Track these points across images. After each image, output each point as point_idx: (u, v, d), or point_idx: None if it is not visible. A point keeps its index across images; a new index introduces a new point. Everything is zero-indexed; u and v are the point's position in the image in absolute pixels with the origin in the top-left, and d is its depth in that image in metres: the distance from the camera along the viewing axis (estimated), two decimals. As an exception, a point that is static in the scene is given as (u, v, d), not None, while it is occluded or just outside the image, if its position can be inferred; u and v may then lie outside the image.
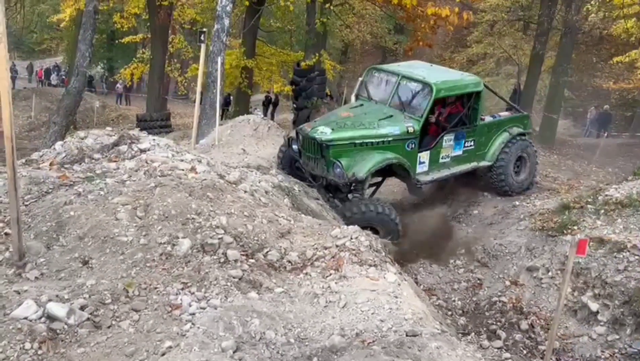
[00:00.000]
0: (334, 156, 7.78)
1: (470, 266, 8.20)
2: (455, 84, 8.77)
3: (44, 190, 4.81)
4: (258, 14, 17.71)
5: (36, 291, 3.36)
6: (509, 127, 9.51)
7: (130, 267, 3.83)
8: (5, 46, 3.54)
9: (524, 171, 9.77)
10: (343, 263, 4.31)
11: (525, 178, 9.79)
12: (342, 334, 3.29)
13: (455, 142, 8.71)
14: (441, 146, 8.58)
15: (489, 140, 9.21)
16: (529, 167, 9.79)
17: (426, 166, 8.50)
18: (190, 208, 4.61)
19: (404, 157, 8.11)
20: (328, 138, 7.78)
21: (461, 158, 8.90)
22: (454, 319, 7.15)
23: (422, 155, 8.40)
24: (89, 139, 6.38)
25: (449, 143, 8.64)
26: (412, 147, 8.19)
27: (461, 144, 8.79)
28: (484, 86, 9.01)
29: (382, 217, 7.68)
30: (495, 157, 9.19)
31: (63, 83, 30.87)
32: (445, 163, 8.77)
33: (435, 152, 8.55)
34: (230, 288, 3.81)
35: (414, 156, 8.28)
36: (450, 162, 8.82)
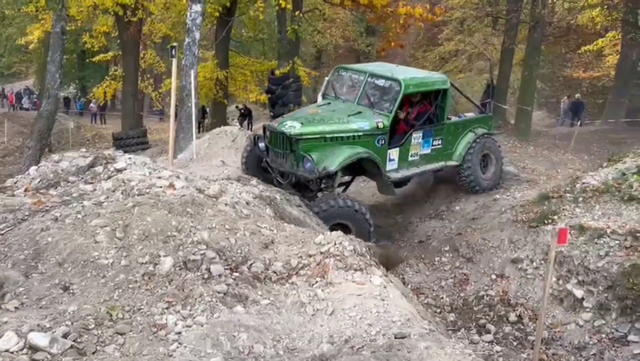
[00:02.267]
0: (304, 150, 7.71)
1: (455, 262, 8.26)
2: (423, 81, 8.84)
3: (19, 217, 4.72)
4: (229, 25, 17.66)
5: (16, 321, 3.28)
6: (474, 127, 9.60)
7: (113, 290, 3.77)
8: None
9: (491, 168, 9.89)
10: (328, 269, 4.29)
11: (493, 175, 9.91)
12: (331, 342, 3.28)
13: (424, 140, 8.75)
14: (410, 143, 8.58)
15: (456, 140, 9.28)
16: (495, 163, 9.91)
17: (396, 163, 8.50)
18: (170, 226, 4.56)
19: (375, 152, 8.10)
20: (297, 132, 7.72)
21: (430, 156, 8.93)
22: (443, 316, 7.18)
23: (392, 152, 8.39)
24: (63, 162, 6.28)
25: (417, 140, 8.66)
26: (382, 143, 8.19)
27: (429, 142, 8.83)
28: (450, 84, 9.10)
29: (353, 214, 7.61)
30: (462, 157, 9.28)
31: (35, 106, 30.42)
32: (414, 162, 8.76)
33: (405, 150, 8.54)
34: (216, 304, 3.77)
35: (384, 152, 8.26)
36: (419, 160, 8.82)
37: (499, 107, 19.48)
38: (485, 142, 9.56)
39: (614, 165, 8.31)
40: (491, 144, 9.77)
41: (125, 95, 18.48)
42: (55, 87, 13.34)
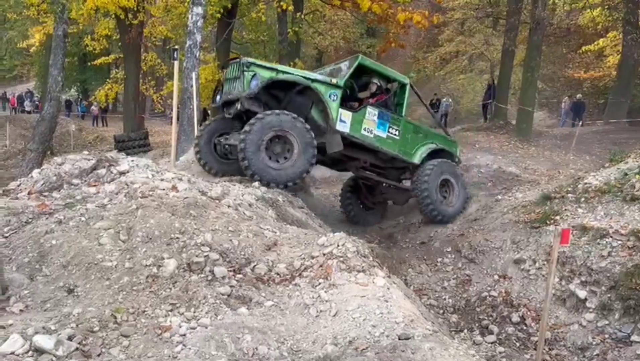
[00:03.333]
0: (254, 71, 7.84)
1: (458, 263, 8.26)
2: (381, 66, 9.29)
3: (23, 220, 4.72)
4: (230, 27, 17.69)
5: (22, 324, 3.29)
6: (437, 141, 9.67)
7: (117, 292, 3.78)
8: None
9: (452, 194, 9.67)
10: (331, 271, 4.30)
11: (456, 201, 9.67)
12: (335, 343, 3.28)
13: (379, 121, 8.78)
14: (364, 115, 8.61)
15: (415, 143, 9.33)
16: (457, 190, 9.68)
17: (348, 127, 8.45)
18: (173, 228, 4.57)
19: (325, 100, 8.14)
20: (251, 61, 8.04)
21: (385, 141, 8.93)
22: (446, 317, 7.18)
23: (344, 113, 8.39)
24: (66, 165, 6.29)
25: (372, 117, 8.69)
26: (334, 98, 8.25)
27: (385, 126, 8.87)
28: (411, 87, 9.25)
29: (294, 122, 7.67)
30: (422, 159, 9.30)
31: (37, 109, 30.51)
32: (368, 137, 8.72)
33: (358, 118, 8.54)
34: (220, 306, 3.78)
35: (335, 108, 8.27)
36: (374, 138, 8.78)
37: (500, 108, 19.51)
38: (444, 167, 9.42)
39: (616, 165, 8.32)
40: (452, 169, 9.62)
41: (127, 97, 18.52)
42: (57, 89, 13.38)
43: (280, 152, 7.74)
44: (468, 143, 16.71)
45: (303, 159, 7.77)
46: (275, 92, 8.13)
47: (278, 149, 7.72)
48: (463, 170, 11.08)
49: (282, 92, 8.19)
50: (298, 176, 7.85)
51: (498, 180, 10.79)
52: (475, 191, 10.25)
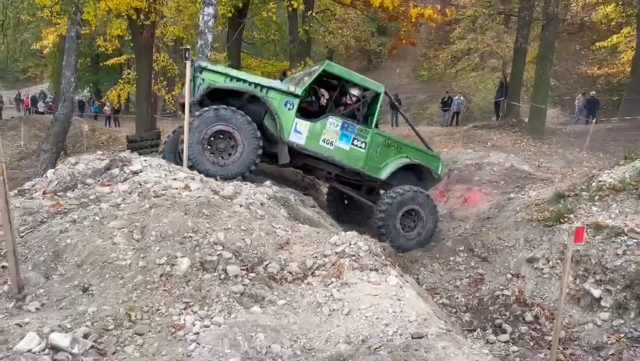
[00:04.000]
0: (203, 76, 7.70)
1: (470, 262, 8.22)
2: (352, 73, 8.70)
3: (38, 219, 4.78)
4: (241, 26, 17.73)
5: (38, 322, 3.33)
6: (413, 155, 8.93)
7: (131, 291, 3.81)
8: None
9: (418, 226, 8.94)
10: (344, 269, 4.30)
11: (417, 235, 8.95)
12: (347, 342, 3.28)
13: (342, 132, 8.26)
14: (324, 126, 8.12)
15: (385, 157, 8.68)
16: (424, 223, 8.93)
17: (303, 139, 8.01)
18: (186, 227, 4.60)
19: (279, 113, 7.79)
20: (203, 65, 7.82)
21: (348, 154, 8.35)
22: (459, 316, 7.15)
23: (301, 124, 8.00)
24: (80, 165, 6.36)
25: (334, 127, 8.18)
26: (290, 107, 7.89)
27: (349, 138, 8.33)
28: (385, 94, 8.71)
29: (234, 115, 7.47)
30: (388, 175, 8.67)
31: (50, 109, 30.85)
32: (326, 148, 8.19)
33: (317, 129, 8.09)
34: (233, 304, 3.80)
35: (290, 118, 7.89)
36: (334, 149, 8.22)
37: (512, 105, 19.36)
38: (408, 195, 8.66)
39: (631, 163, 8.22)
40: (419, 198, 8.78)
41: (139, 98, 18.59)
42: (70, 90, 13.50)
43: (224, 149, 7.56)
44: (480, 141, 16.60)
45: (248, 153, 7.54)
46: (230, 98, 7.77)
47: (222, 145, 7.54)
48: (475, 169, 11.03)
49: (235, 99, 7.83)
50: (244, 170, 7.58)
51: (511, 178, 10.68)
52: (488, 189, 10.16)
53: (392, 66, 34.73)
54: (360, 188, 9.50)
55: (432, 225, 8.98)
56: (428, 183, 9.36)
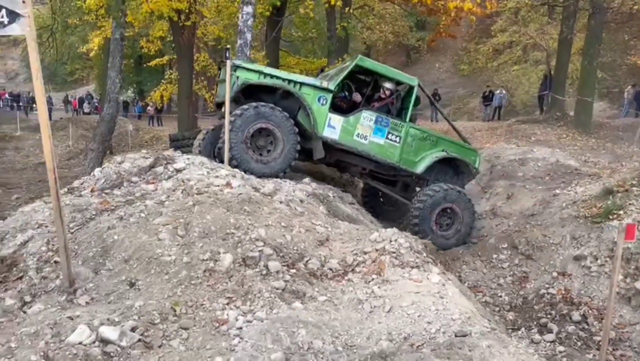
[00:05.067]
0: (238, 74, 7.65)
1: (514, 260, 8.04)
2: (385, 67, 8.63)
3: (87, 216, 4.95)
4: (279, 25, 17.85)
5: (88, 316, 3.45)
6: (449, 148, 8.73)
7: (176, 286, 3.90)
8: (41, 82, 3.68)
9: (456, 224, 8.71)
10: (384, 267, 4.28)
11: (455, 233, 8.73)
12: (390, 339, 3.26)
13: (376, 126, 8.19)
14: (358, 120, 8.09)
15: (421, 151, 8.50)
16: (462, 218, 8.68)
17: (337, 133, 7.97)
18: (229, 223, 4.68)
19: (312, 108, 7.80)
20: (237, 63, 7.80)
21: (383, 147, 8.26)
22: (502, 315, 7.01)
23: (334, 119, 7.97)
24: (126, 163, 6.55)
25: (368, 122, 8.12)
26: (324, 102, 7.88)
27: (383, 132, 8.24)
28: (419, 87, 8.53)
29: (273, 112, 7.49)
30: (424, 169, 8.50)
31: (96, 110, 31.86)
32: (360, 143, 8.13)
33: (351, 123, 8.06)
34: (275, 300, 3.84)
35: (323, 113, 7.89)
36: (368, 144, 8.16)
37: (557, 99, 18.79)
38: (445, 193, 8.43)
39: (685, 157, 7.86)
40: (456, 196, 8.55)
41: (181, 97, 18.99)
42: (115, 91, 13.90)
43: (263, 146, 7.60)
44: (524, 136, 16.20)
45: (289, 149, 7.58)
46: (263, 95, 7.83)
47: (261, 143, 7.58)
48: (519, 164, 10.75)
49: (269, 96, 7.87)
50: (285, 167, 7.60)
51: (556, 173, 10.35)
52: (532, 185, 9.89)
53: (432, 61, 34.26)
54: (395, 185, 9.39)
55: (470, 219, 8.79)
56: (465, 177, 9.18)
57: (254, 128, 7.37)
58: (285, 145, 7.55)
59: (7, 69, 58.84)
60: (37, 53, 3.62)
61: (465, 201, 8.68)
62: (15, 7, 3.49)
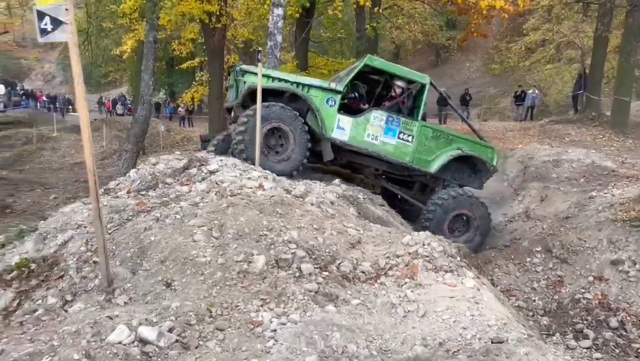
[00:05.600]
0: (245, 78, 7.83)
1: (548, 263, 7.88)
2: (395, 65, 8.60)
3: (124, 217, 5.06)
4: (308, 26, 17.90)
5: (126, 315, 3.53)
6: (465, 146, 8.53)
7: (211, 287, 3.95)
8: (82, 86, 3.78)
9: (470, 230, 8.56)
10: (417, 270, 4.25)
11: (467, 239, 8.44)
12: (424, 344, 3.24)
13: (387, 126, 8.11)
14: (368, 121, 8.05)
15: (435, 150, 8.36)
16: (477, 224, 8.52)
17: (347, 135, 7.96)
18: (262, 225, 4.72)
19: (320, 110, 7.85)
20: (244, 68, 8.01)
21: (395, 147, 8.19)
22: (536, 319, 6.88)
23: (344, 120, 7.96)
24: (160, 165, 6.67)
25: (378, 122, 8.07)
26: (332, 104, 7.90)
27: (395, 132, 8.16)
28: (431, 84, 8.39)
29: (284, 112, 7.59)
30: (438, 168, 8.36)
31: (129, 111, 32.52)
32: (371, 144, 8.09)
33: (361, 124, 8.03)
34: (308, 302, 3.85)
35: (332, 114, 7.92)
36: (380, 144, 8.11)
37: (592, 99, 18.33)
38: (458, 200, 8.26)
39: None
40: (469, 202, 8.37)
41: (211, 99, 19.22)
42: (148, 93, 14.16)
43: (275, 145, 7.68)
44: (557, 136, 15.87)
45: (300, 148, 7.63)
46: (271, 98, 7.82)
47: (272, 142, 7.66)
48: (553, 165, 10.53)
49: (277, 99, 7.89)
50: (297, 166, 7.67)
51: (592, 175, 10.10)
52: (567, 187, 9.68)
53: (462, 60, 33.83)
54: (412, 186, 9.25)
55: (485, 225, 8.57)
56: (484, 175, 8.96)
57: (266, 128, 7.45)
58: (296, 145, 7.61)
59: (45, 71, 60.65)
60: (78, 58, 3.73)
61: (477, 206, 8.48)
62: (58, 15, 3.60)
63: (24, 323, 3.73)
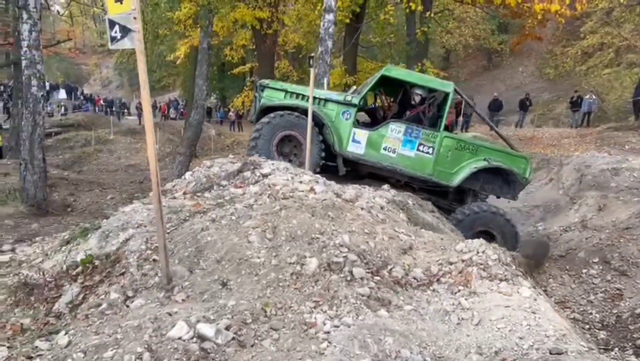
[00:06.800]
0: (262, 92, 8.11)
1: (606, 275, 7.60)
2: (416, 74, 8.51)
3: (181, 218, 5.23)
4: (358, 31, 17.95)
5: (185, 312, 3.65)
6: (492, 156, 8.08)
7: (265, 287, 4.03)
8: (148, 91, 3.95)
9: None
10: (472, 278, 4.20)
11: None
12: (479, 353, 3.20)
13: (406, 138, 7.90)
14: (385, 133, 7.91)
15: (458, 161, 8.03)
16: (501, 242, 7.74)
17: (362, 148, 7.90)
18: (314, 228, 4.77)
19: (335, 124, 7.89)
20: (264, 83, 8.31)
21: (413, 160, 7.96)
22: (593, 333, 6.64)
23: (359, 133, 7.87)
24: (214, 168, 6.86)
25: (396, 134, 7.89)
26: (348, 117, 7.88)
27: (414, 144, 7.93)
28: (455, 92, 8.07)
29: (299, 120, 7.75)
30: (461, 181, 8.01)
31: (182, 115, 33.46)
32: (388, 157, 7.95)
33: (377, 137, 7.91)
34: (360, 306, 3.87)
35: (347, 128, 7.91)
36: (396, 157, 7.95)
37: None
38: (480, 216, 7.87)
39: None
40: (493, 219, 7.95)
41: (261, 103, 19.60)
42: (202, 98, 14.57)
43: (289, 152, 7.85)
44: (617, 143, 15.26)
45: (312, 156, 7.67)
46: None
47: (287, 149, 7.82)
48: (612, 174, 10.14)
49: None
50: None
51: (654, 184, 9.69)
52: (627, 197, 9.29)
53: (514, 64, 33.01)
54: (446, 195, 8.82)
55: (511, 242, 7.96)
56: (517, 186, 8.44)
57: (280, 136, 7.73)
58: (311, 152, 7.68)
59: (103, 76, 63.29)
60: (144, 65, 3.90)
61: (502, 224, 8.03)
62: (127, 23, 3.78)
63: (89, 317, 3.92)
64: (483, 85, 31.37)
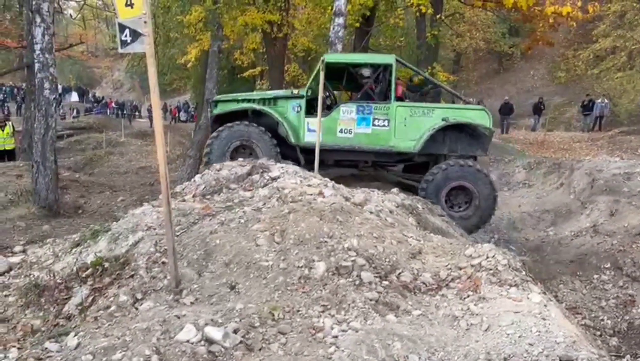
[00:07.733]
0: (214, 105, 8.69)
1: (618, 281, 7.54)
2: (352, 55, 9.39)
3: (190, 220, 5.26)
4: (368, 35, 17.94)
5: (193, 315, 3.66)
6: (452, 115, 8.03)
7: (273, 291, 4.04)
8: (157, 95, 3.98)
9: (472, 204, 8.01)
10: (481, 283, 4.17)
11: (473, 213, 8.02)
12: (488, 359, 3.18)
13: (360, 116, 8.04)
14: (338, 116, 8.11)
15: (417, 127, 8.02)
16: (478, 196, 7.95)
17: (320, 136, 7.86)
18: (322, 232, 4.77)
19: (288, 118, 8.21)
20: (216, 98, 8.98)
21: (371, 136, 8.06)
22: (604, 340, 6.59)
23: (313, 122, 7.97)
24: (224, 170, 6.89)
25: (349, 115, 8.06)
26: (298, 109, 8.13)
27: (368, 120, 8.04)
28: (396, 60, 8.19)
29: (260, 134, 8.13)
30: (421, 145, 7.96)
31: (192, 118, 33.63)
32: (346, 138, 8.10)
33: (331, 122, 8.09)
34: (368, 311, 3.86)
35: (299, 120, 8.20)
36: (354, 137, 8.09)
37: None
38: (452, 170, 7.87)
39: None
40: (465, 171, 7.88)
41: (271, 107, 19.63)
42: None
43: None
44: (629, 148, 15.13)
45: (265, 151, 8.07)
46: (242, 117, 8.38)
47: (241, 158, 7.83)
48: (624, 179, 10.05)
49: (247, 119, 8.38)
50: None
51: (668, 190, 9.57)
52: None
53: (525, 68, 32.86)
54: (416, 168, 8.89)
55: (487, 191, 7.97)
56: (484, 140, 8.32)
57: (232, 147, 8.11)
58: (264, 157, 7.84)
59: (114, 79, 63.83)
60: (155, 68, 3.93)
61: (484, 183, 7.95)
62: (137, 27, 3.81)
63: (98, 319, 3.94)
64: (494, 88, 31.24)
